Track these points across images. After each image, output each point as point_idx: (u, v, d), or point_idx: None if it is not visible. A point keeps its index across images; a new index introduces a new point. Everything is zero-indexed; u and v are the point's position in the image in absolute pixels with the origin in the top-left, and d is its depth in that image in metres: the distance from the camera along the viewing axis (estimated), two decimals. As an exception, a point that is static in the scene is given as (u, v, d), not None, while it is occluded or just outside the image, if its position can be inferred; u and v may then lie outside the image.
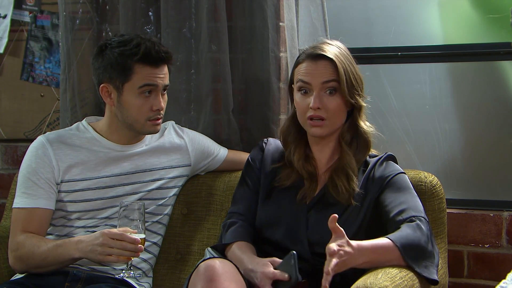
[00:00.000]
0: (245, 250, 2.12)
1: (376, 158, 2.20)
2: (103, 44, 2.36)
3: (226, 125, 2.66)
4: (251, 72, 2.65)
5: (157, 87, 2.32)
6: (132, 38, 2.34)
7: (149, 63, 2.30)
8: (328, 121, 2.13)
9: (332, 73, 2.11)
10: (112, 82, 2.33)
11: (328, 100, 2.12)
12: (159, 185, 2.46)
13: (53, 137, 2.41)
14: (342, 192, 2.11)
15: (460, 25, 2.75)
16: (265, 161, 2.26)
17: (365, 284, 1.86)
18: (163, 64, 2.33)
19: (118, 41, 2.33)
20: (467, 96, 2.72)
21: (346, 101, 2.12)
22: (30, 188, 2.34)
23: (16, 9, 3.02)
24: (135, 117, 2.34)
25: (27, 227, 2.31)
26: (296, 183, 2.19)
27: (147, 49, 2.29)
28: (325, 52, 2.12)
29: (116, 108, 2.35)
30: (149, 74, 2.30)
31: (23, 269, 2.31)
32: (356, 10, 2.86)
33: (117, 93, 2.33)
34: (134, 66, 2.30)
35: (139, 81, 2.30)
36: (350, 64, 2.14)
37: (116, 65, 2.30)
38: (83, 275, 2.32)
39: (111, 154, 2.41)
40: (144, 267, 2.44)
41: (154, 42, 2.32)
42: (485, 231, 2.50)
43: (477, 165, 2.70)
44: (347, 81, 2.11)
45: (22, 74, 3.04)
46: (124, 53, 2.30)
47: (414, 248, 1.98)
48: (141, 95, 2.31)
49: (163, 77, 2.33)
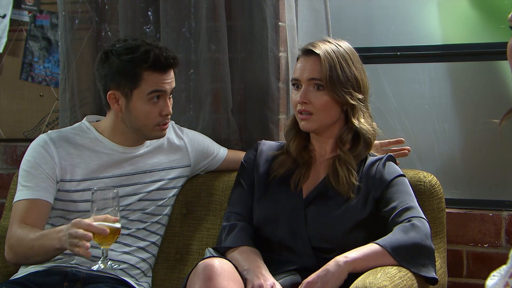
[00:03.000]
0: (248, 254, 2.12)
1: (376, 157, 2.20)
2: (108, 50, 2.35)
3: (225, 124, 2.66)
4: (250, 72, 2.65)
5: (165, 93, 2.32)
6: (139, 44, 2.32)
7: (158, 69, 2.30)
8: (316, 116, 2.15)
9: (320, 70, 2.13)
10: (120, 89, 2.31)
11: (316, 95, 2.14)
12: (159, 186, 2.46)
13: (56, 135, 2.41)
14: (343, 182, 2.12)
15: (459, 25, 2.75)
16: (258, 161, 2.27)
17: (364, 284, 1.86)
18: (171, 69, 2.33)
19: (124, 47, 2.32)
20: (466, 96, 2.72)
21: (334, 98, 2.13)
22: (30, 181, 2.33)
23: (15, 9, 3.02)
24: (144, 122, 2.34)
25: (24, 218, 2.28)
26: (292, 171, 2.20)
27: (156, 56, 2.29)
28: (314, 48, 2.15)
29: (124, 114, 2.35)
30: (158, 80, 2.30)
31: (14, 259, 2.28)
32: (356, 10, 2.86)
33: (125, 99, 2.32)
34: (143, 73, 2.29)
35: (148, 88, 2.30)
36: (344, 62, 2.14)
37: (124, 72, 2.29)
38: (82, 275, 2.31)
39: (114, 156, 2.40)
40: (143, 266, 2.44)
41: (162, 48, 2.31)
42: (484, 231, 2.50)
43: (476, 165, 2.70)
44: (331, 78, 2.12)
45: (21, 74, 3.04)
46: (133, 60, 2.29)
47: (407, 249, 1.97)
48: (150, 101, 2.31)
49: (171, 81, 2.33)
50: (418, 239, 1.99)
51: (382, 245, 1.96)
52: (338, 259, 1.93)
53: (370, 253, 1.96)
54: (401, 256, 1.96)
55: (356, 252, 1.96)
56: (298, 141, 2.23)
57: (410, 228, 2.00)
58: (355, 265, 1.94)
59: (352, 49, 2.20)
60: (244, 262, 2.07)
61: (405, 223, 2.01)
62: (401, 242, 1.97)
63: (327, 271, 1.92)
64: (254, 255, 2.11)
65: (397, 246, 1.96)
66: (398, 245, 1.97)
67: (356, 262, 1.94)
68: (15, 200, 2.34)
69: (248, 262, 2.07)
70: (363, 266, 1.95)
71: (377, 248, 1.96)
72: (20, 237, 2.24)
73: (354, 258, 1.94)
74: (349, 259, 1.94)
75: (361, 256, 1.95)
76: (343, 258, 1.93)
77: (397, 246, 1.96)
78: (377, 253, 1.96)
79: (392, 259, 1.96)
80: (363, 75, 2.18)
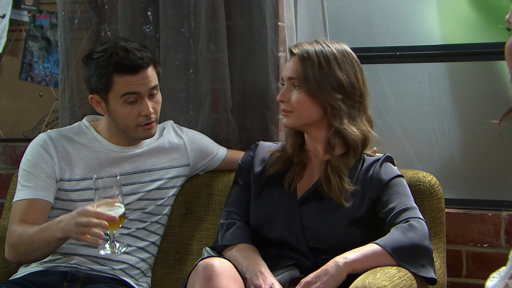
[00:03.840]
0: (246, 252, 2.12)
1: (374, 158, 2.20)
2: (88, 53, 2.35)
3: (224, 124, 2.66)
4: (250, 72, 2.65)
5: (140, 94, 2.30)
6: (108, 47, 2.30)
7: (126, 71, 2.27)
8: (294, 114, 2.17)
9: (296, 69, 2.16)
10: (97, 92, 2.32)
11: (293, 93, 2.17)
12: (158, 186, 2.46)
13: (55, 134, 2.41)
14: (335, 189, 2.12)
15: (459, 25, 2.76)
16: (254, 162, 2.27)
17: (363, 284, 1.86)
18: (143, 70, 2.30)
19: (98, 51, 2.32)
20: (466, 96, 2.73)
21: (311, 97, 2.14)
22: (30, 180, 2.33)
23: (14, 9, 3.02)
24: (125, 123, 2.34)
25: (24, 217, 2.28)
26: (286, 170, 2.21)
27: (120, 58, 2.27)
28: (295, 48, 2.19)
29: (108, 116, 2.36)
30: (129, 83, 2.28)
31: (15, 258, 2.28)
32: (355, 10, 2.86)
33: (104, 102, 2.33)
34: (112, 76, 2.28)
35: (120, 90, 2.29)
36: (325, 63, 2.14)
37: (96, 76, 2.30)
38: (81, 275, 2.31)
39: (112, 155, 2.41)
40: (142, 266, 2.44)
41: (128, 49, 2.28)
42: (483, 231, 2.50)
43: (475, 165, 2.70)
44: (306, 77, 2.14)
45: (21, 74, 3.04)
46: (100, 64, 2.29)
47: (406, 249, 1.97)
48: (125, 103, 2.30)
49: (146, 82, 2.30)
50: (417, 240, 1.99)
51: (382, 245, 1.96)
52: (338, 260, 1.93)
53: (370, 253, 1.96)
54: (400, 256, 1.96)
55: (355, 252, 1.96)
56: (295, 139, 2.24)
57: (408, 229, 2.00)
58: (355, 265, 1.94)
59: (344, 51, 2.19)
60: (243, 260, 2.08)
61: (403, 224, 2.02)
62: (400, 242, 1.97)
63: (326, 272, 1.92)
64: (252, 253, 2.11)
65: (397, 247, 1.96)
66: (397, 245, 1.97)
67: (356, 263, 1.94)
68: (15, 200, 2.34)
69: (247, 260, 2.07)
70: (362, 267, 1.95)
71: (377, 249, 1.96)
72: (20, 234, 2.23)
73: (353, 259, 1.94)
74: (349, 260, 1.94)
75: (360, 257, 1.95)
76: (343, 259, 1.93)
77: (397, 247, 1.96)
78: (377, 253, 1.96)
79: (392, 259, 1.96)
80: (351, 78, 2.16)
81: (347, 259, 1.94)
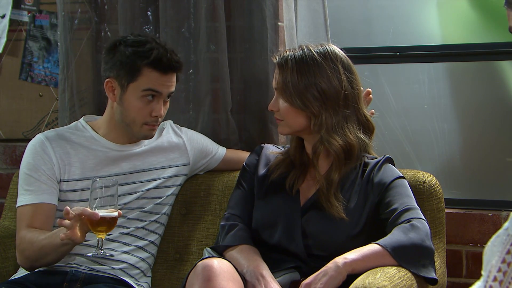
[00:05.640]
0: (247, 253, 2.12)
1: (374, 161, 2.18)
2: (118, 40, 2.37)
3: (224, 124, 2.66)
4: (250, 72, 2.65)
5: (161, 94, 2.33)
6: (148, 40, 2.35)
7: (158, 69, 2.31)
8: (284, 122, 2.17)
9: (276, 78, 2.16)
10: (118, 79, 2.33)
11: (280, 103, 2.16)
12: (156, 184, 2.46)
13: (52, 135, 2.41)
14: (334, 206, 2.09)
15: (459, 25, 2.76)
16: (259, 165, 2.26)
17: (363, 284, 1.85)
18: (172, 73, 2.34)
19: (133, 40, 2.34)
20: (466, 96, 2.73)
21: (292, 105, 2.13)
22: (32, 184, 2.33)
23: (14, 9, 3.02)
24: (133, 118, 2.34)
25: (32, 223, 2.30)
26: (288, 173, 2.20)
27: (159, 55, 2.30)
28: (276, 57, 2.18)
29: (117, 105, 2.36)
30: (156, 80, 2.31)
31: (27, 263, 2.29)
32: (355, 10, 2.86)
33: (120, 90, 2.33)
34: (142, 68, 2.30)
35: (144, 84, 2.31)
36: (305, 70, 2.11)
37: (126, 63, 2.31)
38: (81, 275, 2.31)
39: (110, 154, 2.41)
40: (142, 266, 2.44)
41: (167, 50, 2.33)
42: (483, 231, 2.50)
43: (475, 165, 2.70)
44: (284, 85, 2.12)
45: (21, 74, 3.04)
46: (136, 53, 2.31)
47: (407, 249, 1.96)
48: (143, 98, 2.32)
49: (170, 85, 2.34)
50: (418, 240, 1.98)
51: (382, 245, 1.95)
52: (337, 260, 1.93)
53: (370, 253, 1.95)
54: (401, 256, 1.96)
55: (355, 253, 1.95)
56: (296, 142, 2.23)
57: (410, 229, 1.99)
58: (354, 266, 1.93)
59: (326, 53, 2.13)
60: (244, 261, 2.07)
61: (404, 224, 2.01)
62: (401, 242, 1.97)
63: (325, 272, 1.91)
64: (253, 254, 2.11)
65: (397, 247, 1.96)
66: (398, 245, 1.96)
67: (355, 263, 1.93)
68: (19, 204, 2.35)
69: (248, 261, 2.06)
70: (362, 267, 1.94)
71: (378, 249, 1.96)
72: (30, 240, 2.25)
73: (353, 259, 1.94)
74: (348, 260, 1.93)
75: (360, 257, 1.94)
76: (342, 259, 1.93)
77: (397, 247, 1.96)
78: (377, 253, 1.95)
79: (392, 259, 1.95)
80: (333, 82, 2.11)
81: (346, 259, 1.93)
